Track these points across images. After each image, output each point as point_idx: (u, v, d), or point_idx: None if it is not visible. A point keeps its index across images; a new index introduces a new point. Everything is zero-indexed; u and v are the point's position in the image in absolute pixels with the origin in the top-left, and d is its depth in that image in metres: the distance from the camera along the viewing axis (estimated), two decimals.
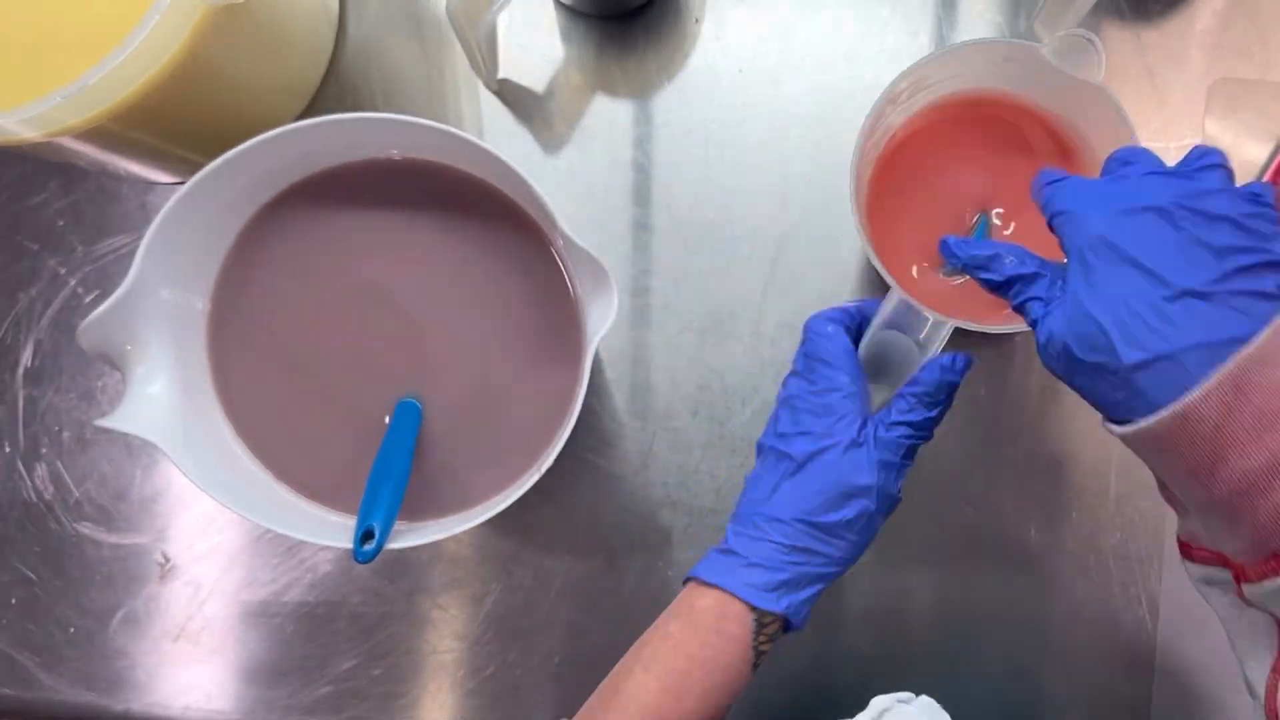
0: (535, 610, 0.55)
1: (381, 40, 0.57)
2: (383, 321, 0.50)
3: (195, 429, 0.48)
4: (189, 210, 0.46)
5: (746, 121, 0.56)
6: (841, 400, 0.43)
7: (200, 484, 0.44)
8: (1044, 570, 0.53)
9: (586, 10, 0.56)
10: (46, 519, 0.57)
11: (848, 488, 0.42)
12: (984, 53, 0.47)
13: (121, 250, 0.57)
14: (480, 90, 0.57)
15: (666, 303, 0.55)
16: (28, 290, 0.58)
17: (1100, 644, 0.53)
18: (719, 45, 0.56)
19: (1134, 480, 0.53)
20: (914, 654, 0.53)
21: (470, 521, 0.45)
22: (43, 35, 0.45)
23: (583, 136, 0.56)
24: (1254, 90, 0.54)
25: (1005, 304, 0.39)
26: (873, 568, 0.53)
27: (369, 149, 0.49)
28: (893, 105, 0.48)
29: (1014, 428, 0.54)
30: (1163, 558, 0.53)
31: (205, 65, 0.46)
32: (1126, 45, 0.55)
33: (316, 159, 0.49)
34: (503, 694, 0.55)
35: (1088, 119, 0.47)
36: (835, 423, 0.43)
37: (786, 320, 0.55)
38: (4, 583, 0.57)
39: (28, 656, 0.56)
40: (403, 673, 0.55)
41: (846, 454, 0.42)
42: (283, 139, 0.46)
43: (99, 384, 0.57)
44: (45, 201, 0.58)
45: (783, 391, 0.45)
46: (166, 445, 0.44)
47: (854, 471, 0.42)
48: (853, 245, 0.55)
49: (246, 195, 0.49)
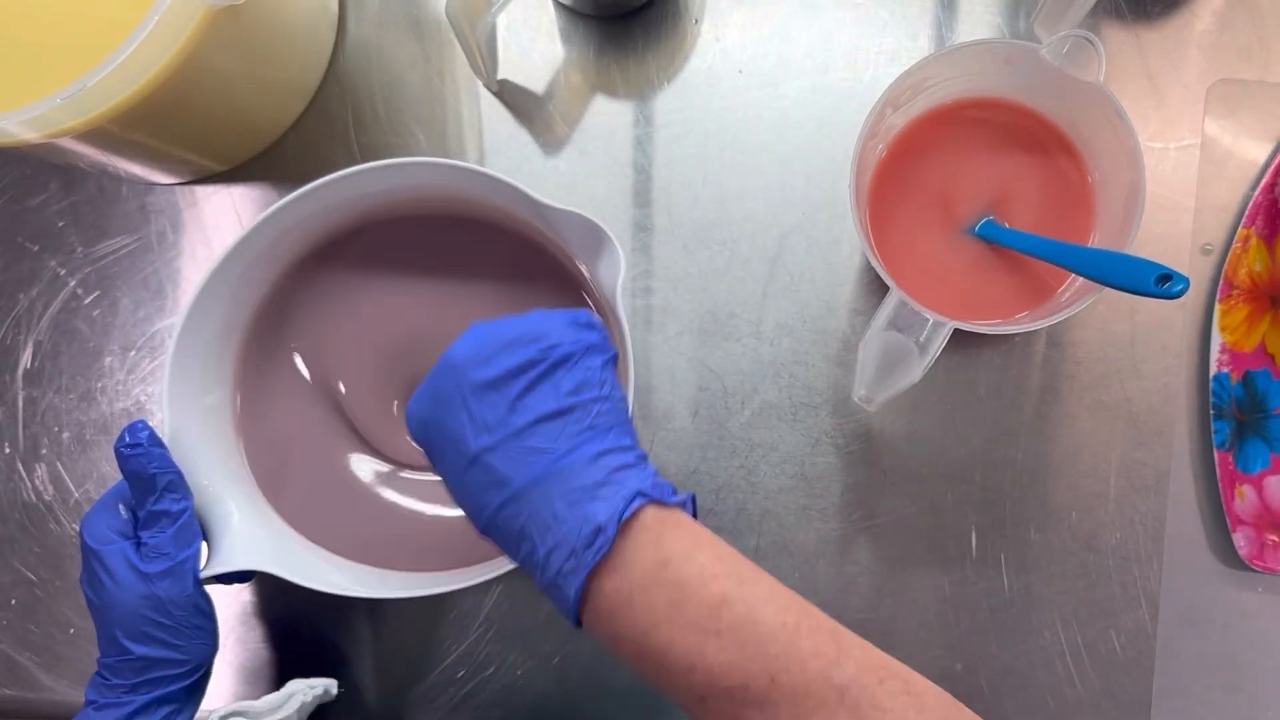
0: (535, 610, 0.55)
1: (381, 41, 0.57)
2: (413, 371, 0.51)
3: (276, 535, 0.48)
4: (194, 331, 0.47)
5: (746, 122, 0.56)
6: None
7: (321, 588, 0.45)
8: (1044, 571, 0.53)
9: (586, 11, 0.56)
10: (46, 520, 0.57)
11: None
12: (984, 54, 0.47)
13: (121, 251, 0.57)
14: (480, 91, 0.57)
15: (666, 303, 0.55)
16: (28, 291, 0.58)
17: (1100, 644, 0.53)
18: (719, 46, 0.56)
19: (1134, 480, 0.53)
20: (914, 654, 0.53)
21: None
22: (43, 36, 0.45)
23: (582, 137, 0.56)
24: (1254, 91, 0.54)
25: (1005, 304, 0.39)
26: (872, 568, 0.53)
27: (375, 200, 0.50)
28: (893, 107, 0.48)
29: (1014, 428, 0.54)
30: (1162, 558, 0.53)
31: (205, 66, 0.46)
32: (1126, 46, 0.55)
33: (319, 223, 0.50)
34: (503, 694, 0.55)
35: (1087, 119, 0.48)
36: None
37: (786, 320, 0.55)
38: (4, 583, 0.57)
39: (28, 657, 0.56)
40: (402, 672, 0.55)
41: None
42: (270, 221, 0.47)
43: (99, 385, 0.57)
44: (45, 202, 0.58)
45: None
46: (276, 567, 0.45)
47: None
48: (853, 245, 0.55)
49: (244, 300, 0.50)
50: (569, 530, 0.35)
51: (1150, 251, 0.53)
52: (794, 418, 0.54)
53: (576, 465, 0.36)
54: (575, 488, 0.36)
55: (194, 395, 0.48)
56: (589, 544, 0.35)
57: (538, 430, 0.36)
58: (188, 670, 0.44)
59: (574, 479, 0.36)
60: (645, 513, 0.36)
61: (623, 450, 0.37)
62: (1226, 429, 0.52)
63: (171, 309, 0.57)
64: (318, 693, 0.49)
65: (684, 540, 0.36)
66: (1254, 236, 0.53)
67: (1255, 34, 0.54)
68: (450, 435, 0.37)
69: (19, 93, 0.43)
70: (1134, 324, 0.54)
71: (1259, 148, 0.54)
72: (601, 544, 0.35)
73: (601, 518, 0.35)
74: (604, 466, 0.36)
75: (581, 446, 0.36)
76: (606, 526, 0.35)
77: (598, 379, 0.38)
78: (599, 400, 0.37)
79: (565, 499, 0.35)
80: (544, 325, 0.38)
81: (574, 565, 0.35)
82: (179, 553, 0.43)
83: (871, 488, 0.54)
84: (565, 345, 0.37)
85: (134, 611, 0.42)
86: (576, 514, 0.35)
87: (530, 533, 0.36)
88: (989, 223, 0.50)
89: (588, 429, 0.37)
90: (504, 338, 0.37)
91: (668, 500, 0.37)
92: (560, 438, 0.36)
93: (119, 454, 0.43)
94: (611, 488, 0.36)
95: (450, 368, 0.37)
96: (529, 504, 0.36)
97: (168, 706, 0.44)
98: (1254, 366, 0.53)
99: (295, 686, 0.48)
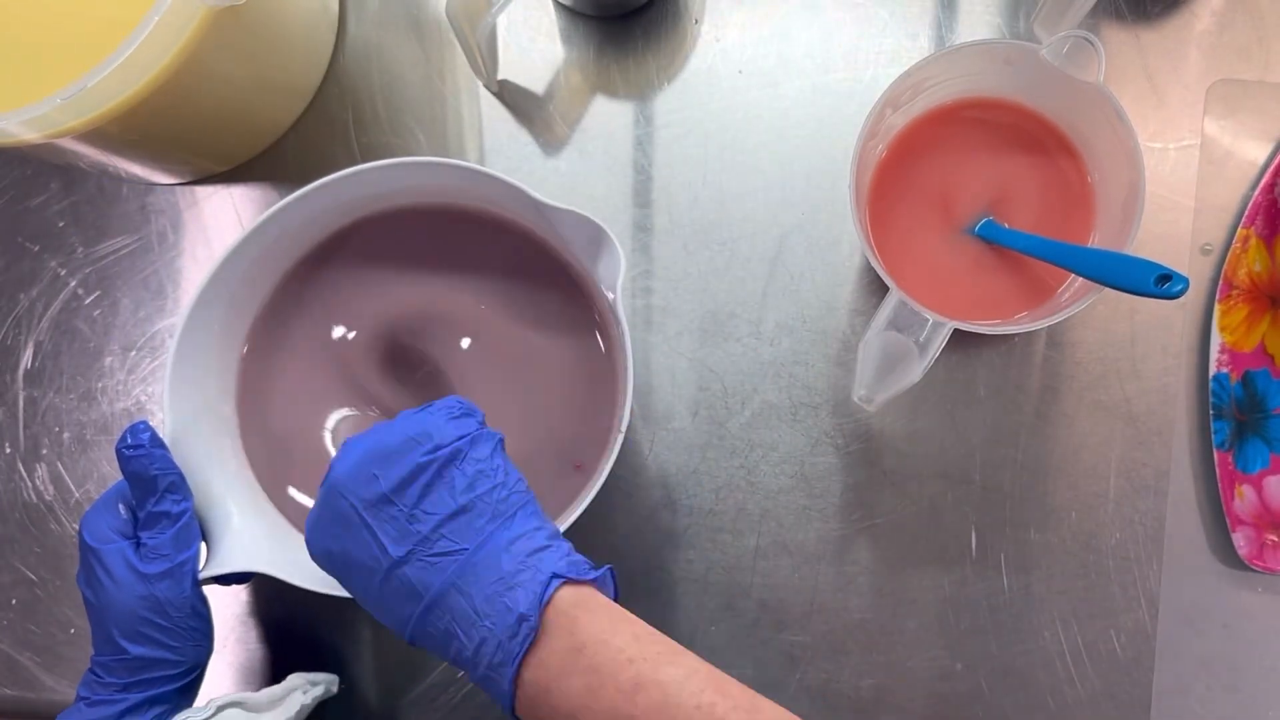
0: None
1: (381, 41, 0.57)
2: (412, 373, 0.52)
3: (276, 537, 0.48)
4: (194, 336, 0.47)
5: (746, 122, 0.56)
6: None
7: (320, 589, 0.45)
8: (1044, 571, 0.53)
9: (586, 11, 0.56)
10: (47, 520, 0.57)
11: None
12: (984, 54, 0.47)
13: (121, 251, 0.57)
14: (480, 92, 0.57)
15: (666, 303, 0.55)
16: (28, 291, 0.58)
17: (1100, 644, 0.53)
18: (719, 46, 0.56)
19: (1134, 480, 0.53)
20: (913, 654, 0.53)
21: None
22: (43, 36, 0.45)
23: (582, 138, 0.56)
24: (1253, 91, 0.54)
25: (1005, 304, 0.39)
26: (872, 568, 0.53)
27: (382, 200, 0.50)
28: (893, 107, 0.48)
29: (1014, 428, 0.54)
30: (1163, 558, 0.53)
31: (205, 67, 0.46)
32: (1126, 46, 0.55)
33: (321, 223, 0.50)
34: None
35: (1087, 120, 0.48)
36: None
37: (786, 320, 0.55)
38: (5, 583, 0.57)
39: (28, 657, 0.56)
40: (402, 672, 0.55)
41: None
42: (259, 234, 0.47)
43: (99, 385, 0.57)
44: (45, 203, 0.58)
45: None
46: (275, 569, 0.45)
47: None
48: (853, 245, 0.55)
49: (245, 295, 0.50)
50: (493, 624, 0.35)
51: (1150, 252, 0.53)
52: (794, 418, 0.54)
53: (490, 558, 0.36)
54: (492, 580, 0.36)
55: (195, 395, 0.48)
56: (513, 634, 0.35)
57: (444, 532, 0.36)
58: (182, 671, 0.44)
59: (489, 573, 0.36)
60: (560, 596, 0.36)
61: (533, 532, 0.37)
62: (1226, 429, 0.52)
63: (172, 309, 0.57)
64: (318, 691, 0.49)
65: (599, 623, 0.36)
66: (1253, 236, 0.53)
67: (1255, 34, 0.54)
68: (356, 558, 0.37)
69: (19, 93, 0.43)
70: (1134, 324, 0.54)
71: (1258, 148, 0.54)
72: (526, 633, 0.35)
73: (523, 606, 0.35)
74: (517, 553, 0.36)
75: (491, 538, 0.36)
76: (529, 615, 0.35)
77: (489, 468, 0.38)
78: (497, 488, 0.37)
79: (483, 595, 0.36)
80: (421, 427, 0.38)
81: (502, 657, 0.35)
82: (178, 554, 0.43)
83: (871, 488, 0.54)
84: (448, 443, 0.37)
85: (131, 611, 0.42)
86: (498, 607, 0.35)
87: (456, 633, 0.36)
88: (989, 223, 0.50)
89: (493, 518, 0.37)
90: (384, 449, 0.37)
91: (584, 577, 0.37)
92: (468, 534, 0.36)
93: (120, 455, 0.43)
94: (528, 573, 0.36)
95: (339, 491, 0.37)
96: (449, 607, 0.36)
97: (160, 707, 0.44)
98: (1254, 366, 0.53)
99: (296, 681, 0.48)
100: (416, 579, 0.36)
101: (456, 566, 0.36)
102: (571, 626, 0.35)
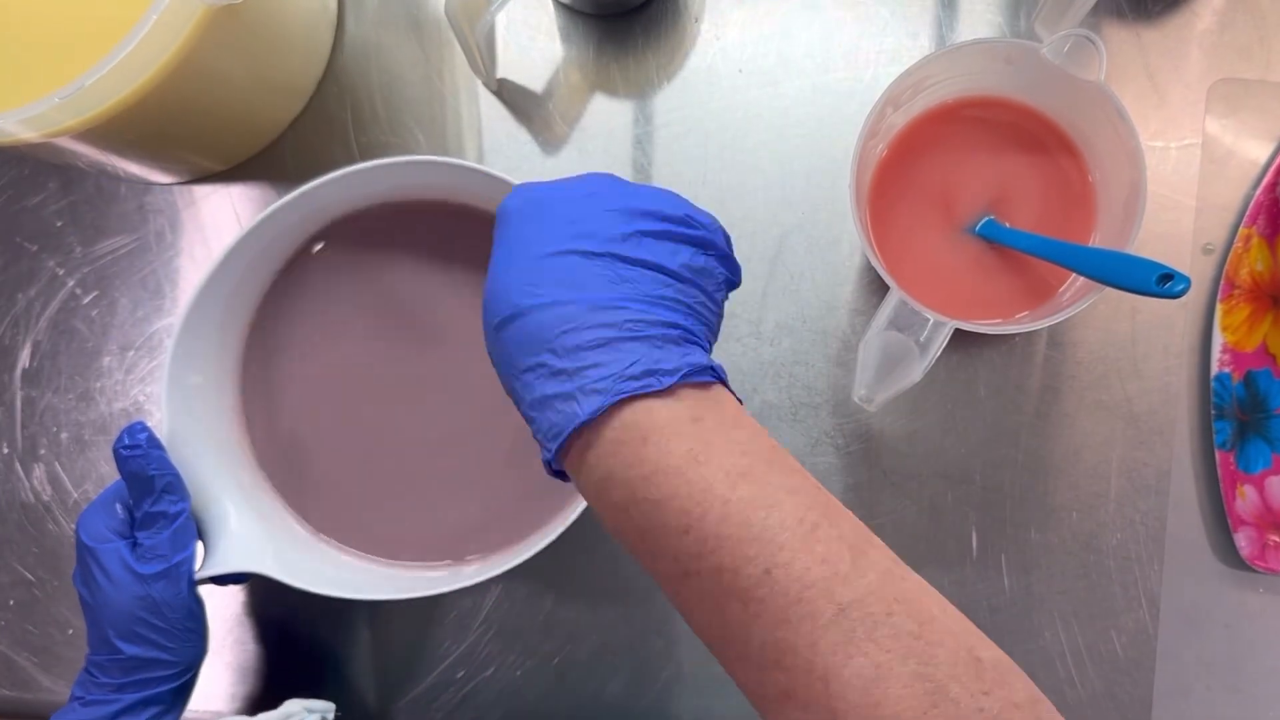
0: (535, 610, 0.55)
1: (381, 40, 0.57)
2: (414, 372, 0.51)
3: (278, 537, 0.49)
4: (192, 335, 0.47)
5: (746, 122, 0.55)
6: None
7: (317, 590, 0.45)
8: (1044, 571, 0.53)
9: (586, 9, 0.56)
10: (45, 520, 0.57)
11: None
12: (984, 53, 0.47)
13: (119, 250, 0.57)
14: (479, 90, 0.57)
15: None
16: (26, 291, 0.57)
17: (1101, 645, 0.53)
18: (719, 45, 0.56)
19: (1135, 481, 0.53)
20: None
21: (550, 535, 0.47)
22: (42, 36, 0.45)
23: (582, 137, 0.56)
24: (1255, 90, 0.54)
25: (1005, 304, 0.39)
26: None
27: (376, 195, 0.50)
28: (893, 106, 0.48)
29: (1014, 428, 0.54)
30: (1164, 558, 0.53)
31: (203, 66, 0.46)
32: (1127, 45, 0.55)
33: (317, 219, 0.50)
34: (503, 695, 0.55)
35: (1088, 119, 0.47)
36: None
37: (786, 320, 0.54)
38: (3, 584, 0.57)
39: (26, 657, 0.56)
40: (402, 673, 0.55)
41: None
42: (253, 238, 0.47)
43: (97, 385, 0.57)
44: (43, 202, 0.58)
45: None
46: (272, 570, 0.45)
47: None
48: (853, 244, 0.55)
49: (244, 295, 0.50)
50: (618, 361, 0.31)
51: (1151, 251, 0.53)
52: (794, 418, 0.54)
53: (645, 321, 0.32)
54: (638, 329, 0.32)
55: (193, 396, 0.47)
56: (635, 376, 0.31)
57: (638, 275, 0.32)
58: (177, 672, 0.44)
59: (642, 329, 0.32)
60: (703, 382, 0.32)
61: (697, 340, 0.34)
62: (1228, 429, 0.52)
63: (170, 309, 0.57)
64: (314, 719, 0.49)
65: (728, 413, 0.32)
66: (1255, 236, 0.53)
67: (1256, 33, 0.54)
68: (561, 219, 0.33)
69: (17, 92, 0.43)
70: (1135, 324, 0.53)
71: (1260, 147, 0.54)
72: (649, 383, 0.31)
73: (667, 364, 0.31)
74: (670, 336, 0.32)
75: (655, 312, 0.32)
76: (662, 375, 0.31)
77: (715, 285, 0.35)
78: (703, 297, 0.34)
79: (620, 331, 0.32)
80: (709, 224, 0.35)
81: (607, 385, 0.31)
82: (175, 555, 0.43)
83: (871, 488, 0.54)
84: (719, 243, 0.35)
85: (127, 611, 0.42)
86: (633, 350, 0.31)
87: (577, 330, 0.32)
88: (989, 222, 0.49)
89: (680, 307, 0.33)
90: (664, 204, 0.34)
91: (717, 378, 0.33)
92: (644, 293, 0.32)
93: (118, 455, 0.43)
94: (677, 347, 0.32)
95: (594, 194, 0.34)
96: (598, 316, 0.32)
97: (154, 707, 0.44)
98: (1255, 366, 0.53)
99: (293, 707, 0.48)
100: (589, 279, 0.32)
101: (622, 296, 0.32)
102: (698, 400, 0.32)
